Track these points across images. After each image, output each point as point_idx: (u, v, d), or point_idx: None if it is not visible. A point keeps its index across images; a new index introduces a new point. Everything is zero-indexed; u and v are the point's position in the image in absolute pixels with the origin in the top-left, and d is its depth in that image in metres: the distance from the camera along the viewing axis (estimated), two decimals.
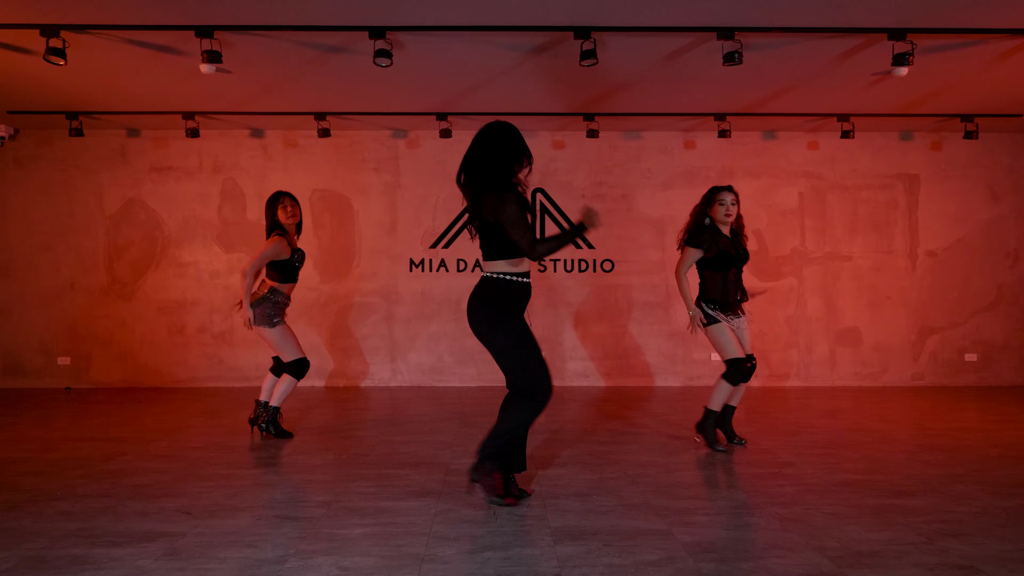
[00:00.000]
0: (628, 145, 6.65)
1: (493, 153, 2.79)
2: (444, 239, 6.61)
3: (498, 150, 2.79)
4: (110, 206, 6.46)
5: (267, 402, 4.13)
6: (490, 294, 2.78)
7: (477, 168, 2.80)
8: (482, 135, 2.83)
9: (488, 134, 2.82)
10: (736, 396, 3.92)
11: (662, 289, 6.63)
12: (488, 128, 2.84)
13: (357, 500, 2.95)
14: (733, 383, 3.81)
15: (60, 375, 6.44)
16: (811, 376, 6.71)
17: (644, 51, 4.51)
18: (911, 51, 4.21)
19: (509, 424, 2.78)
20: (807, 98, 5.61)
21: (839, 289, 6.73)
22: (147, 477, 3.29)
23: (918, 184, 6.77)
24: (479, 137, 2.83)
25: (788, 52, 4.57)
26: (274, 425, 4.13)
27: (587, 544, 2.44)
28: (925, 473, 3.43)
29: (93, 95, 5.39)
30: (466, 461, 3.61)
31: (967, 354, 6.76)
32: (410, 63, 4.68)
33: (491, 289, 2.78)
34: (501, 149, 2.79)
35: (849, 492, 3.10)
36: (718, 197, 3.79)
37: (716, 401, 3.86)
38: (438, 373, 6.60)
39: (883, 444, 4.07)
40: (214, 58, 3.98)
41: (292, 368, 4.10)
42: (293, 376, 4.10)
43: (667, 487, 3.17)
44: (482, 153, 2.80)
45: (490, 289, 2.79)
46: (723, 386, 3.83)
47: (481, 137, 2.83)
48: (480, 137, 2.83)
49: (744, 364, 3.78)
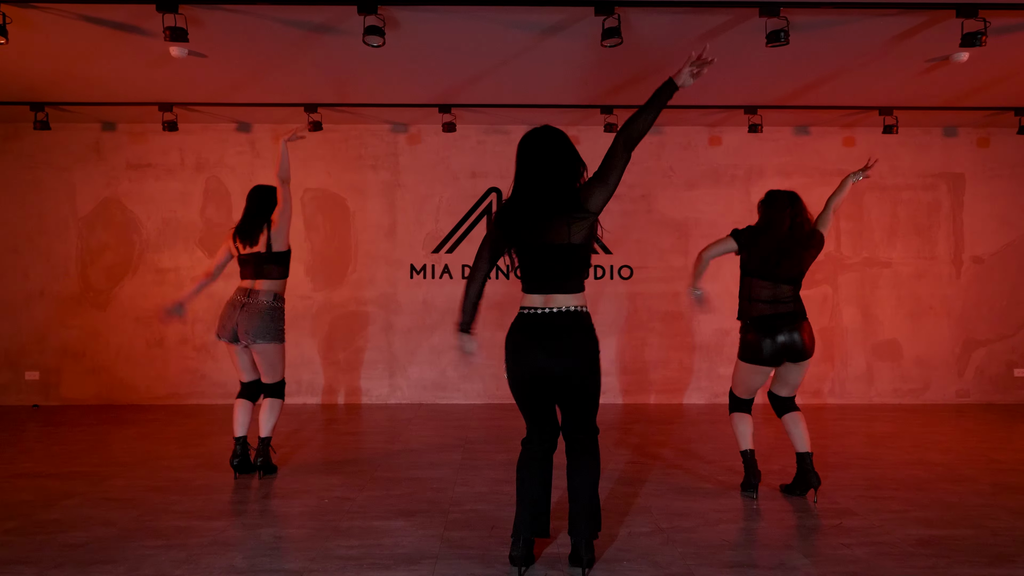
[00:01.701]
0: (648, 141, 6.08)
1: (563, 165, 2.28)
2: (448, 243, 6.07)
3: (567, 161, 2.30)
4: (83, 206, 5.94)
5: (245, 437, 3.58)
6: (592, 331, 2.34)
7: (548, 185, 2.27)
8: (541, 146, 2.30)
9: (549, 144, 2.30)
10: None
11: (685, 297, 6.07)
12: (543, 137, 2.31)
13: (335, 568, 2.41)
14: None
15: (28, 391, 5.92)
16: (846, 393, 6.14)
17: (675, 30, 3.96)
18: (983, 30, 3.65)
19: (595, 479, 2.36)
20: (847, 89, 5.05)
21: (877, 298, 6.16)
22: (87, 532, 2.76)
23: (963, 184, 6.19)
24: (538, 149, 2.30)
25: (837, 33, 4.01)
26: (267, 460, 3.59)
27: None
28: (1018, 527, 2.87)
29: (58, 83, 4.87)
30: (469, 507, 3.07)
31: (1016, 369, 6.18)
32: (407, 45, 4.14)
33: (591, 325, 2.34)
34: (570, 159, 2.30)
35: (932, 555, 2.56)
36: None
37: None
38: (441, 389, 6.06)
39: (948, 483, 3.51)
40: (179, 36, 3.45)
41: (276, 389, 3.58)
42: (278, 397, 3.58)
43: (711, 548, 2.62)
44: (550, 167, 2.28)
45: (590, 326, 2.34)
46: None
47: (540, 149, 2.30)
48: (538, 149, 2.30)
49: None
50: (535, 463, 2.38)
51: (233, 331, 3.46)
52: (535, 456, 2.38)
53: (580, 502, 2.31)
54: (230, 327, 3.47)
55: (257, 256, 3.51)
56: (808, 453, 3.20)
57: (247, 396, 3.61)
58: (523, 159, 2.32)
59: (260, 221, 3.53)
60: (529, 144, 2.32)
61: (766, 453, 4.06)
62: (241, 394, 3.62)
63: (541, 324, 2.28)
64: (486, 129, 6.05)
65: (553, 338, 2.26)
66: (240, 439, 3.55)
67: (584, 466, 2.34)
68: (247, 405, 3.60)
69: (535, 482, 2.36)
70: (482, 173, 6.07)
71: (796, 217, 3.15)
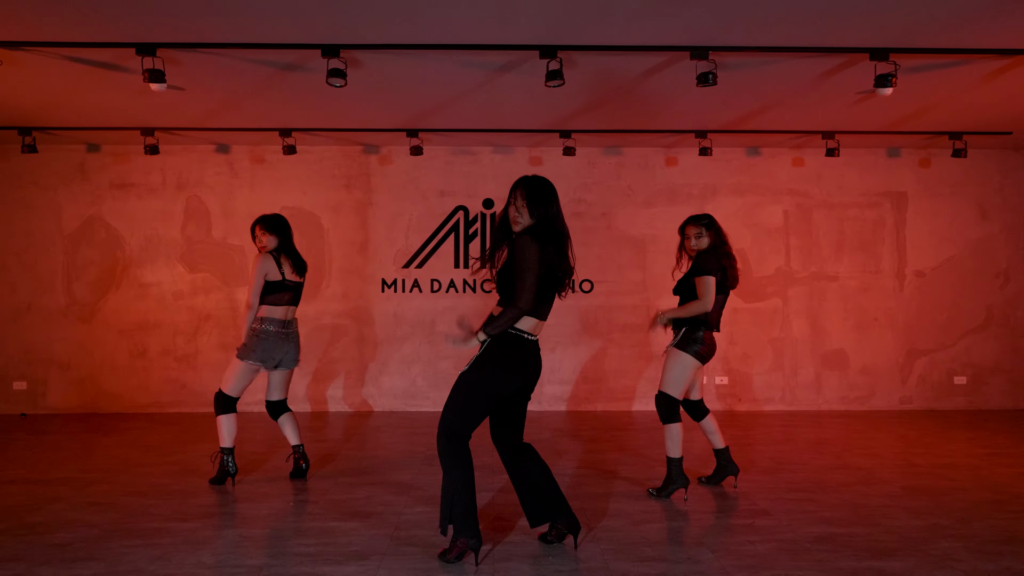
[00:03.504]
0: (608, 161, 6.45)
1: (555, 204, 2.73)
2: (417, 259, 6.38)
3: (554, 200, 2.73)
4: (69, 224, 6.21)
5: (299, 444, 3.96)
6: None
7: (558, 224, 2.71)
8: (542, 192, 2.70)
9: (546, 190, 2.72)
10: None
11: (643, 310, 6.41)
12: (542, 184, 2.72)
13: (293, 564, 2.72)
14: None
15: (15, 400, 6.18)
16: (796, 400, 6.50)
17: (619, 69, 4.30)
18: (894, 72, 4.02)
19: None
20: (791, 115, 5.41)
21: (825, 310, 6.54)
22: (71, 533, 3.05)
23: (906, 202, 6.58)
24: (543, 194, 2.69)
25: (768, 71, 4.37)
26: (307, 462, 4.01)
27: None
28: (908, 525, 3.22)
29: (46, 110, 5.15)
30: (421, 509, 3.39)
31: (956, 377, 6.57)
32: (372, 80, 4.46)
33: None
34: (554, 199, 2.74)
35: (823, 551, 2.89)
36: (684, 231, 3.67)
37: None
38: (411, 398, 6.37)
39: (866, 486, 3.86)
40: (157, 77, 3.75)
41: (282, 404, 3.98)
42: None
43: (630, 545, 2.95)
44: (554, 205, 2.71)
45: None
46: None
47: (543, 194, 2.70)
48: (542, 194, 2.70)
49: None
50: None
51: (281, 360, 3.80)
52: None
53: (553, 485, 2.82)
54: (279, 356, 3.78)
55: (299, 285, 3.84)
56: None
57: (279, 412, 3.93)
58: (552, 202, 2.69)
59: (293, 245, 3.87)
60: (552, 191, 2.71)
61: (702, 457, 4.40)
62: (273, 413, 3.92)
63: (533, 351, 2.72)
64: (453, 150, 6.37)
65: (537, 359, 2.75)
66: (297, 447, 3.94)
67: (540, 460, 2.85)
68: (291, 416, 3.95)
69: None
70: (450, 192, 6.39)
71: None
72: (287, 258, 3.80)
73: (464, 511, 2.63)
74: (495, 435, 2.84)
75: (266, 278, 3.71)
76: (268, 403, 3.91)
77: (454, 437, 2.65)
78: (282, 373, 3.87)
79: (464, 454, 2.66)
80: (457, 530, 2.65)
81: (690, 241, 3.60)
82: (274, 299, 3.74)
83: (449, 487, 2.64)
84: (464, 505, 2.63)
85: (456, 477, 2.63)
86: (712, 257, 3.54)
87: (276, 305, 3.75)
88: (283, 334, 3.76)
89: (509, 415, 2.80)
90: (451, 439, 2.65)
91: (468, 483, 2.64)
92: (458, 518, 2.63)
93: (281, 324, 3.76)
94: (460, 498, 2.62)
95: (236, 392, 3.74)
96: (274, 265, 3.73)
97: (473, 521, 2.65)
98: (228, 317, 6.25)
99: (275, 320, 3.74)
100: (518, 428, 2.82)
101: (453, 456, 2.64)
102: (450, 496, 2.63)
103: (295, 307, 3.85)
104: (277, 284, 3.74)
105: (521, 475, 2.80)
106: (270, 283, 3.73)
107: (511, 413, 2.80)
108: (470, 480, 2.65)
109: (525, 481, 2.80)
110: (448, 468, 2.65)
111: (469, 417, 2.66)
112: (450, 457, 2.64)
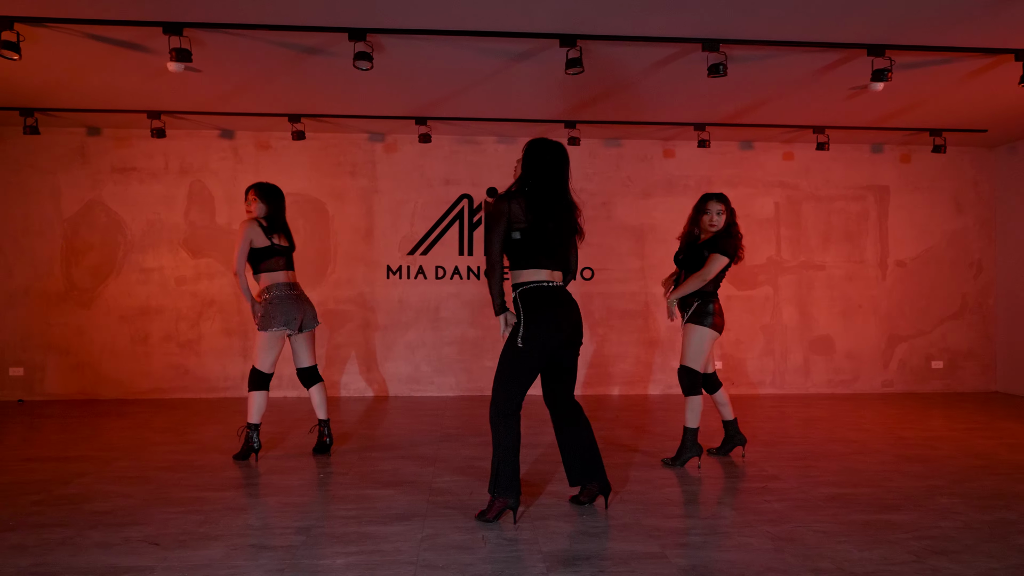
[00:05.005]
0: (608, 153, 6.63)
1: (544, 163, 2.87)
2: (422, 246, 6.47)
3: (542, 159, 2.89)
4: (68, 208, 6.14)
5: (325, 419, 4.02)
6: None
7: (567, 185, 2.91)
8: (562, 155, 2.89)
9: (565, 156, 2.91)
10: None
11: (641, 297, 6.62)
12: (561, 150, 2.90)
13: (338, 525, 2.81)
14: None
15: (12, 386, 6.08)
16: (786, 384, 6.78)
17: (629, 60, 4.48)
18: (890, 67, 4.27)
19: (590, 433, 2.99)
20: (784, 110, 5.66)
21: (813, 298, 6.83)
22: (109, 502, 3.09)
23: (888, 195, 6.91)
24: (560, 157, 2.88)
25: (770, 64, 4.59)
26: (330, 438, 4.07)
27: (581, 570, 2.36)
28: (906, 485, 3.45)
29: (51, 91, 5.10)
30: (450, 478, 3.50)
31: (934, 361, 6.92)
32: (390, 66, 4.55)
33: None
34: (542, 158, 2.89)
35: (836, 507, 3.10)
36: (705, 206, 3.80)
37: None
38: (416, 383, 6.46)
39: (861, 456, 4.10)
40: (183, 56, 3.78)
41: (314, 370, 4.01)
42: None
43: (656, 505, 3.12)
44: (564, 170, 2.90)
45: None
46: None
47: (561, 158, 2.89)
48: (560, 157, 2.88)
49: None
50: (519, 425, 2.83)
51: (302, 320, 3.81)
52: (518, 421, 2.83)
53: (594, 449, 2.96)
54: (300, 317, 3.80)
55: (288, 250, 3.86)
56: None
57: (311, 380, 3.96)
58: (546, 160, 2.83)
59: (284, 217, 3.89)
60: (551, 151, 2.86)
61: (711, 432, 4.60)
62: (306, 380, 3.95)
63: (557, 296, 2.81)
64: (459, 139, 6.48)
65: (569, 310, 2.83)
66: (322, 421, 3.99)
67: (587, 424, 2.99)
68: (322, 387, 3.97)
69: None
70: (455, 180, 6.50)
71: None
72: (273, 227, 3.81)
73: (508, 474, 2.77)
74: (546, 393, 2.99)
75: (253, 245, 3.69)
76: (299, 371, 3.96)
77: (501, 413, 2.79)
78: (305, 337, 3.91)
79: (513, 425, 2.80)
80: (499, 490, 2.79)
81: (711, 217, 3.76)
82: (270, 265, 3.76)
83: (496, 451, 2.79)
84: (509, 468, 2.77)
85: (503, 443, 2.78)
86: (734, 241, 3.73)
87: (274, 271, 3.77)
88: (293, 295, 3.79)
89: (558, 372, 2.93)
90: (499, 413, 2.79)
91: (515, 449, 2.78)
92: (502, 479, 2.76)
93: (287, 287, 3.79)
94: (505, 463, 2.77)
95: (268, 366, 3.78)
96: (260, 231, 3.70)
97: (516, 484, 2.78)
98: (232, 303, 6.25)
99: (280, 284, 3.77)
100: (569, 386, 2.96)
101: (503, 427, 2.78)
102: (497, 461, 2.78)
103: (293, 271, 3.87)
104: (267, 250, 3.73)
105: (568, 438, 2.96)
106: (260, 250, 3.71)
107: (560, 371, 2.93)
108: (516, 447, 2.79)
109: (572, 444, 2.95)
110: (496, 436, 2.80)
111: (513, 388, 2.78)
112: (499, 428, 2.79)
